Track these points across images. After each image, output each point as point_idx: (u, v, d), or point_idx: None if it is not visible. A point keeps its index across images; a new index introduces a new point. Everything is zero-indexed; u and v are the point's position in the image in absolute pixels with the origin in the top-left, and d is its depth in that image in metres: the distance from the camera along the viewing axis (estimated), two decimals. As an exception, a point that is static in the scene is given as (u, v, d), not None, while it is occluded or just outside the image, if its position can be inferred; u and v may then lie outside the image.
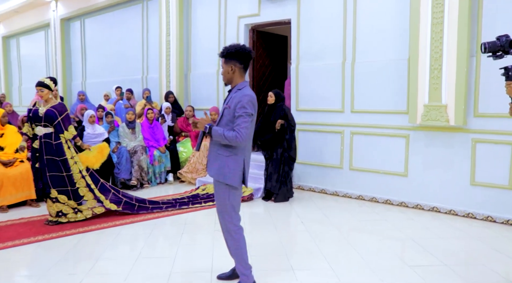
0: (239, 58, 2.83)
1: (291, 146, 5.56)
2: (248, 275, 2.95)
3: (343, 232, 4.44)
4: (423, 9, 4.89)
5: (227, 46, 2.88)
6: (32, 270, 3.43)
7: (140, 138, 6.68)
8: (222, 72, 2.89)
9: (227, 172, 2.80)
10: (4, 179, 5.15)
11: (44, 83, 4.69)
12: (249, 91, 2.82)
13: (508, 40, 2.28)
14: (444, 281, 3.20)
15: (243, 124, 2.69)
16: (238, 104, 2.72)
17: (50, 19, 11.13)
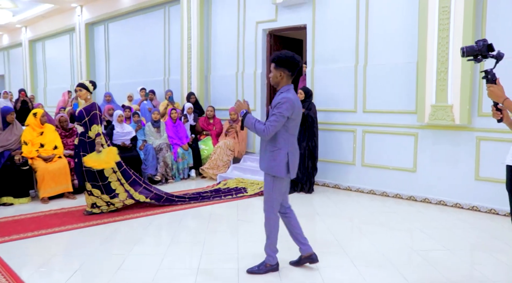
0: (288, 66, 3.12)
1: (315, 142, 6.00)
2: (274, 257, 3.33)
3: (356, 223, 4.83)
4: (431, 16, 5.25)
5: (279, 53, 3.16)
6: (79, 251, 3.89)
7: (165, 137, 7.16)
8: (271, 76, 3.19)
9: (273, 165, 3.14)
10: (45, 174, 5.65)
11: (82, 83, 5.08)
12: (290, 94, 3.11)
13: (485, 44, 2.38)
14: (449, 264, 3.57)
15: (273, 122, 3.03)
16: (277, 104, 3.07)
17: (75, 23, 11.71)
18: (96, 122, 4.98)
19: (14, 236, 4.28)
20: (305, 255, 3.41)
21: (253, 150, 7.68)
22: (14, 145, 5.75)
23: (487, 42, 2.39)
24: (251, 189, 6.21)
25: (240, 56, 7.77)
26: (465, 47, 2.44)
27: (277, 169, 3.15)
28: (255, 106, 7.59)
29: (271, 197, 3.23)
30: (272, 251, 3.33)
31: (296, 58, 3.14)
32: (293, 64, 3.13)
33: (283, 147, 3.15)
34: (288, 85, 3.19)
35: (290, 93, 3.14)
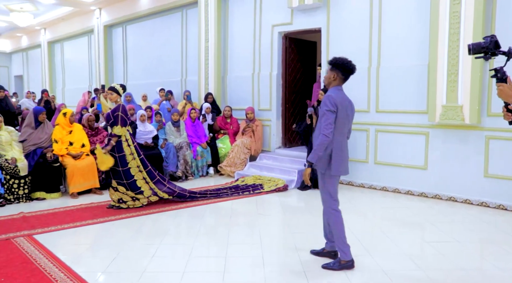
0: (343, 70, 3.34)
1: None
2: (346, 252, 3.40)
3: (370, 217, 5.10)
4: (442, 20, 5.49)
5: (336, 57, 3.39)
6: (114, 241, 4.21)
7: (184, 135, 7.48)
8: (325, 77, 3.43)
9: (330, 165, 3.33)
10: (74, 170, 6.00)
11: (113, 87, 5.41)
12: (332, 92, 3.32)
13: (492, 40, 2.23)
14: (461, 255, 3.83)
15: (325, 122, 3.23)
16: (322, 104, 3.31)
17: (94, 25, 12.09)
18: (116, 123, 5.25)
19: (52, 227, 4.62)
20: (329, 250, 3.64)
21: (268, 148, 7.97)
22: (46, 143, 6.10)
23: (494, 38, 2.24)
24: (268, 186, 6.48)
25: (256, 58, 8.06)
26: (471, 44, 2.32)
27: (333, 168, 3.34)
28: (271, 106, 7.88)
29: (330, 194, 3.41)
30: (343, 246, 3.42)
31: (351, 65, 3.35)
32: (347, 69, 3.34)
33: (335, 146, 3.33)
34: (336, 86, 3.38)
35: (333, 92, 3.33)
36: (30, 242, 4.13)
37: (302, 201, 5.98)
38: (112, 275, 3.39)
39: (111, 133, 5.31)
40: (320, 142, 3.25)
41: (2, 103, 6.89)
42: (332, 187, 3.44)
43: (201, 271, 3.47)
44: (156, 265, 3.57)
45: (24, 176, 5.74)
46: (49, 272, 3.41)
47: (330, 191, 3.44)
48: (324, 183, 3.44)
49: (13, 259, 3.69)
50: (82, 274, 3.38)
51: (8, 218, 4.97)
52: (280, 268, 3.54)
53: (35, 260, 3.67)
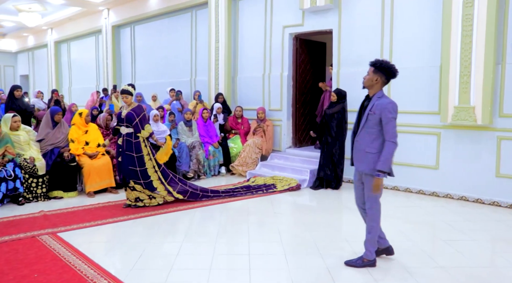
0: (386, 73, 3.36)
1: (342, 140, 6.37)
2: (372, 252, 3.52)
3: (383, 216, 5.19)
4: (454, 23, 5.58)
5: (380, 59, 3.41)
6: (137, 239, 4.30)
7: (196, 135, 7.57)
8: (367, 78, 3.42)
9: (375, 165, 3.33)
10: (91, 169, 6.08)
11: (128, 90, 5.44)
12: (389, 99, 3.36)
13: None
14: (476, 253, 3.93)
15: (392, 129, 3.28)
16: (384, 111, 3.28)
17: (102, 26, 12.17)
18: (146, 122, 5.41)
19: (74, 225, 4.71)
20: (383, 247, 3.69)
21: (279, 148, 8.06)
22: (62, 143, 6.18)
23: None
24: (280, 185, 6.56)
25: (267, 58, 8.15)
26: None
27: (370, 167, 3.37)
28: (281, 106, 7.97)
29: (375, 195, 3.46)
30: (371, 246, 3.51)
31: (395, 69, 3.38)
32: (391, 73, 3.36)
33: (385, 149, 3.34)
34: (381, 91, 3.42)
35: (388, 98, 3.38)
36: (55, 240, 4.22)
37: (316, 200, 6.07)
38: (141, 272, 3.48)
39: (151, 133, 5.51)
40: (390, 150, 3.30)
41: (19, 103, 6.96)
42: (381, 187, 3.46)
43: (227, 269, 3.56)
44: (182, 263, 3.66)
45: (42, 175, 5.82)
46: (79, 269, 3.50)
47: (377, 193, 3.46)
48: (370, 183, 3.44)
49: (43, 256, 3.78)
50: (112, 271, 3.47)
51: (30, 216, 5.06)
52: (304, 265, 3.63)
53: (63, 257, 3.76)
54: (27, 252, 3.90)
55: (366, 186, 3.50)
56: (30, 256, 3.80)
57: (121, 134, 5.44)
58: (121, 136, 5.44)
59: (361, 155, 3.46)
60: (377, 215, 3.51)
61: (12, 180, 5.45)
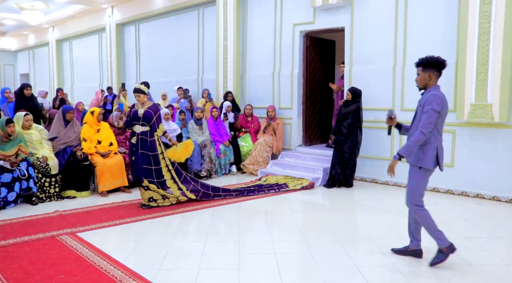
0: (436, 67, 3.38)
1: (357, 140, 6.34)
2: (443, 239, 3.41)
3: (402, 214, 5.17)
4: (471, 20, 5.56)
5: (426, 57, 3.40)
6: (159, 239, 4.25)
7: (207, 134, 7.52)
8: (419, 79, 3.44)
9: (423, 157, 3.36)
10: (104, 168, 6.02)
11: (140, 89, 5.36)
12: (437, 91, 3.34)
13: None
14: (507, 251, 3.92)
15: (428, 119, 3.27)
16: (426, 102, 3.32)
17: (106, 24, 12.07)
18: (161, 121, 5.38)
19: (93, 225, 4.65)
20: (413, 248, 3.67)
21: (289, 147, 8.03)
22: (75, 142, 6.11)
23: None
24: (292, 185, 6.51)
25: (277, 56, 8.10)
26: None
27: (426, 161, 3.37)
28: (292, 105, 7.94)
29: (417, 189, 3.44)
30: (437, 234, 3.43)
31: (441, 59, 3.38)
32: (439, 65, 3.38)
33: (432, 141, 3.37)
34: (436, 85, 3.42)
35: (437, 91, 3.36)
36: (76, 240, 4.16)
37: (330, 199, 6.03)
38: (169, 272, 3.43)
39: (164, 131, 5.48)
40: (417, 139, 3.31)
41: (29, 102, 6.88)
42: (425, 181, 3.45)
43: (256, 268, 3.52)
44: (210, 262, 3.62)
45: (55, 174, 5.76)
46: (105, 269, 3.45)
47: (421, 186, 3.45)
48: (419, 177, 3.43)
49: (66, 257, 3.72)
50: (138, 271, 3.42)
51: (46, 216, 5.00)
52: (333, 264, 3.60)
53: (87, 257, 3.71)
54: (49, 252, 3.85)
55: (408, 177, 3.50)
56: (53, 256, 3.75)
57: (134, 133, 5.39)
58: (135, 135, 5.38)
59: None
60: (420, 208, 3.46)
61: (25, 179, 5.39)
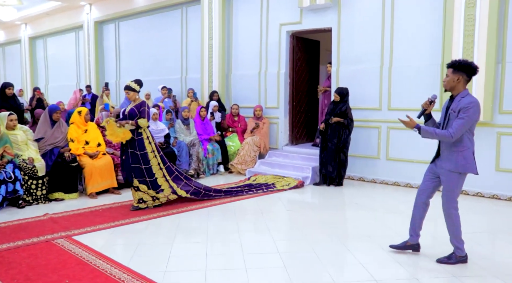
0: (467, 71, 3.36)
1: (347, 139, 6.42)
2: (462, 249, 3.54)
3: (395, 211, 5.31)
4: (456, 23, 5.76)
5: (458, 60, 3.42)
6: (160, 240, 4.20)
7: (194, 133, 7.46)
8: (447, 80, 3.43)
9: (464, 163, 3.41)
10: (93, 170, 5.89)
11: (129, 86, 5.30)
12: (473, 98, 3.36)
13: None
14: (498, 245, 4.08)
15: (461, 126, 3.31)
16: (463, 109, 3.31)
17: (84, 21, 11.77)
18: (143, 116, 5.21)
19: (88, 228, 4.55)
20: (412, 243, 3.77)
21: (276, 146, 8.07)
22: (62, 143, 5.95)
23: None
24: (280, 185, 6.52)
25: (263, 56, 8.13)
26: None
27: (469, 167, 3.43)
28: (278, 104, 7.98)
29: (454, 193, 3.50)
30: (459, 243, 3.55)
31: (474, 65, 3.39)
32: (471, 70, 3.38)
33: (470, 147, 3.46)
34: (466, 90, 3.42)
35: (473, 97, 3.39)
36: (73, 243, 4.06)
37: (322, 197, 6.09)
38: (176, 274, 3.40)
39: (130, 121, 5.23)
40: (443, 136, 3.39)
41: (11, 101, 6.63)
42: (460, 186, 3.51)
43: (263, 268, 3.53)
44: (215, 263, 3.60)
45: (42, 176, 5.59)
46: (110, 273, 3.38)
47: (458, 190, 3.51)
48: (458, 182, 3.49)
49: (66, 261, 3.63)
50: (145, 273, 3.37)
51: (36, 220, 4.85)
52: (338, 262, 3.66)
53: (88, 261, 3.63)
54: (48, 257, 3.74)
55: (445, 183, 3.52)
56: (52, 261, 3.64)
57: None
58: None
59: (447, 154, 3.49)
60: (455, 214, 3.54)
61: (11, 182, 5.21)
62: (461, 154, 3.44)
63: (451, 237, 3.60)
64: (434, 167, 3.68)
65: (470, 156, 3.47)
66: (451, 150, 3.47)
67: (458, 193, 3.54)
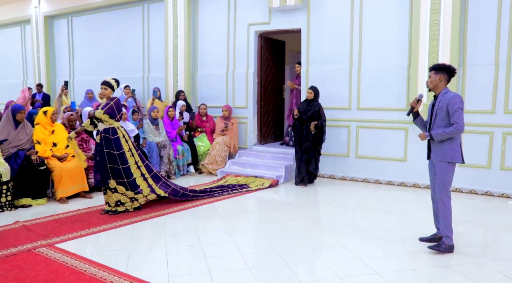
0: (448, 72, 3.74)
1: (323, 138, 6.56)
2: (451, 238, 3.77)
3: (371, 208, 5.53)
4: (422, 27, 6.11)
5: (440, 63, 3.85)
6: (149, 244, 4.08)
7: (164, 134, 7.29)
8: (430, 80, 3.79)
9: (452, 153, 3.72)
10: (62, 173, 5.57)
11: (108, 82, 5.14)
12: (454, 93, 3.74)
13: None
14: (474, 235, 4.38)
15: (460, 117, 3.64)
16: (450, 103, 3.65)
17: (31, 15, 11.04)
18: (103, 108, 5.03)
19: (69, 235, 4.30)
20: (440, 235, 3.92)
21: (244, 145, 8.08)
22: (27, 145, 5.57)
23: None
24: (254, 185, 6.53)
25: (231, 56, 8.10)
26: None
27: (456, 156, 3.72)
28: (247, 104, 8.00)
29: (445, 182, 3.76)
30: (449, 232, 3.78)
31: (452, 67, 3.77)
32: (451, 71, 3.76)
33: (458, 138, 3.75)
34: (446, 88, 3.78)
35: (453, 92, 3.76)
36: (58, 252, 3.83)
37: (300, 196, 6.15)
38: (181, 278, 3.32)
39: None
40: (453, 131, 3.64)
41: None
42: (452, 174, 3.78)
43: (266, 267, 3.55)
44: (217, 265, 3.56)
45: (7, 181, 5.20)
46: (110, 281, 3.24)
47: (449, 179, 3.77)
48: (448, 171, 3.74)
49: (56, 271, 3.41)
50: (148, 279, 3.26)
51: (7, 229, 4.51)
52: (333, 256, 3.75)
53: (82, 269, 3.44)
54: (35, 268, 3.49)
55: (437, 172, 3.78)
56: (42, 271, 3.41)
57: (98, 132, 5.10)
58: (98, 133, 5.09)
59: (437, 144, 3.77)
60: (448, 201, 3.77)
61: (-26, 188, 4.81)
62: (449, 145, 3.74)
63: (442, 225, 3.82)
64: (431, 163, 3.93)
65: (458, 147, 3.77)
66: (441, 142, 3.76)
67: (449, 181, 3.80)
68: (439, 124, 3.74)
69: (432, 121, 3.81)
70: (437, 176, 3.83)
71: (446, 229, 3.81)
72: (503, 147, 5.92)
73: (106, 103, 5.07)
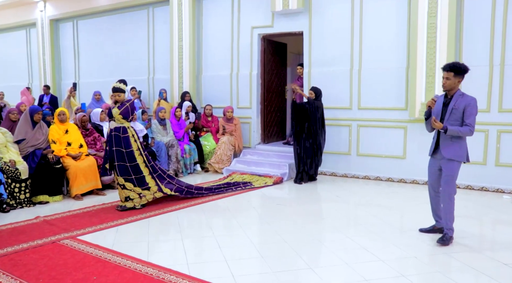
0: (464, 74, 3.91)
1: (323, 137, 6.84)
2: (452, 230, 4.03)
3: (374, 204, 5.80)
4: (420, 30, 6.39)
5: (457, 64, 3.91)
6: (165, 236, 4.33)
7: (171, 134, 7.54)
8: (449, 82, 3.91)
9: (461, 153, 3.96)
10: (77, 171, 5.81)
11: (120, 88, 5.35)
12: (471, 96, 3.92)
13: None
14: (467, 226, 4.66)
15: (474, 121, 3.87)
16: (468, 106, 3.86)
17: (37, 19, 11.27)
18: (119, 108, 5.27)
19: (89, 228, 4.54)
20: (439, 227, 4.24)
21: (248, 145, 8.35)
22: (43, 144, 5.81)
23: None
24: (257, 183, 6.78)
25: (235, 58, 8.36)
26: None
27: (464, 156, 3.98)
28: (251, 104, 8.26)
29: (454, 178, 4.00)
30: (452, 225, 4.03)
31: (468, 68, 3.93)
32: (466, 72, 3.92)
33: (465, 138, 4.01)
34: (460, 90, 3.97)
35: (469, 95, 3.94)
36: (82, 243, 4.08)
37: (304, 192, 6.42)
38: (200, 265, 3.57)
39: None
40: (464, 132, 3.87)
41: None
42: (458, 171, 4.01)
43: (279, 256, 3.80)
44: (232, 254, 3.81)
45: (25, 179, 5.44)
46: (134, 268, 3.48)
47: (455, 175, 4.00)
48: (457, 169, 3.99)
49: (83, 260, 3.66)
50: (170, 267, 3.51)
51: (29, 223, 4.75)
52: (342, 247, 4.01)
53: (107, 259, 3.69)
54: (62, 257, 3.74)
55: (446, 169, 4.00)
56: (69, 260, 3.66)
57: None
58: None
59: (447, 144, 3.98)
60: (453, 197, 4.02)
61: (-5, 185, 5.05)
62: (458, 144, 3.99)
63: (446, 219, 4.08)
64: (434, 160, 4.17)
65: (465, 147, 4.03)
66: (452, 141, 3.99)
67: (456, 178, 4.05)
68: (452, 124, 3.94)
69: (445, 119, 4.00)
70: (445, 173, 4.05)
71: (449, 222, 4.06)
72: (498, 144, 6.21)
73: (122, 104, 5.30)
